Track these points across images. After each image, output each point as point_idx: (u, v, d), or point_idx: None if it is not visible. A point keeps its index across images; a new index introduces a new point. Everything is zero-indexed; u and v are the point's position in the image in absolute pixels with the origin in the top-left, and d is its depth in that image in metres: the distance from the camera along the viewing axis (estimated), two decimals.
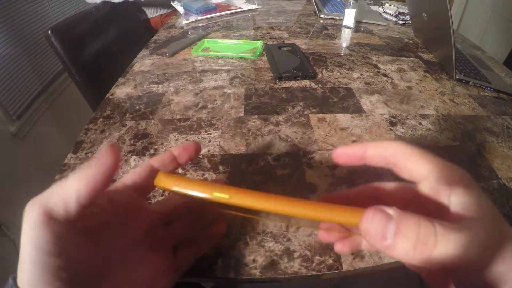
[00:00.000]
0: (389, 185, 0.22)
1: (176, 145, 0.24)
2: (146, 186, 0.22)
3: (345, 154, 0.21)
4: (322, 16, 1.12)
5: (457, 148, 0.51)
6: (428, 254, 0.13)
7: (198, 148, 0.23)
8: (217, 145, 0.49)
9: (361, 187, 0.23)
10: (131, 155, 0.47)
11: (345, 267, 0.33)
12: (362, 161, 0.20)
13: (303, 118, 0.56)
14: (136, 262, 0.22)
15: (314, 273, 0.33)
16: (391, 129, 0.54)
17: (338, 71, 0.73)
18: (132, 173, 0.22)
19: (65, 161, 0.47)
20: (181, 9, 1.13)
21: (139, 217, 0.23)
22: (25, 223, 0.16)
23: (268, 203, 0.18)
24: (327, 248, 0.35)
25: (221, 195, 0.19)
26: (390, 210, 0.14)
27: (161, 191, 0.41)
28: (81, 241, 0.18)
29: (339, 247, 0.21)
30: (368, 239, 0.15)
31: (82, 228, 0.18)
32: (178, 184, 0.20)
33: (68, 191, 0.17)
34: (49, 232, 0.16)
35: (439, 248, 0.13)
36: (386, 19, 1.12)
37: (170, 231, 0.26)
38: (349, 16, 0.98)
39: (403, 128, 0.54)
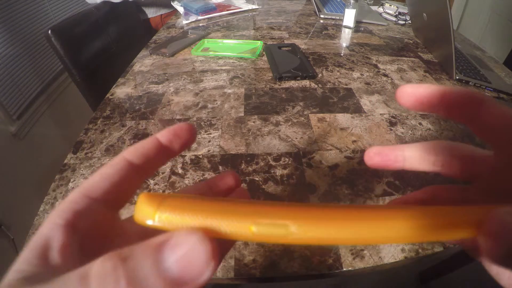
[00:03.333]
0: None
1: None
2: (121, 195, 0.15)
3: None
4: (322, 16, 1.12)
5: None
6: None
7: (193, 130, 0.16)
8: (217, 145, 0.49)
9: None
10: None
11: (345, 267, 0.33)
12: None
13: (303, 118, 0.56)
14: None
15: (314, 273, 0.33)
16: (391, 129, 0.54)
17: (338, 71, 0.73)
18: (101, 177, 0.14)
19: (65, 161, 0.47)
20: (181, 9, 1.13)
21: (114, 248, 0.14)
22: None
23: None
24: (327, 249, 0.35)
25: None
26: None
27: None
28: None
29: None
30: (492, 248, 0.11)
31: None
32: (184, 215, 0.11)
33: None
34: None
35: None
36: (386, 19, 1.12)
37: None
38: (349, 16, 0.98)
39: (403, 128, 0.54)
